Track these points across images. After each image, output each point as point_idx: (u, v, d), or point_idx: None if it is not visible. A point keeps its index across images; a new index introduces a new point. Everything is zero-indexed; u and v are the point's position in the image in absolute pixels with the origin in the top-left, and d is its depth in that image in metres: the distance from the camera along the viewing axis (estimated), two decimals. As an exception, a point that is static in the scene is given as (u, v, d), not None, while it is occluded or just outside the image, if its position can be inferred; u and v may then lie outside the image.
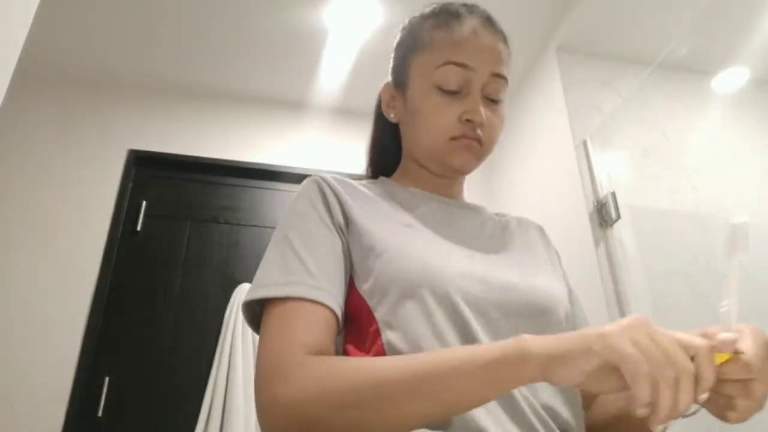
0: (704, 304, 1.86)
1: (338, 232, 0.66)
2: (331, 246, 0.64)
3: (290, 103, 2.81)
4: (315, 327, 0.56)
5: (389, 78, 0.82)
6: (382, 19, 2.30)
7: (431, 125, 0.72)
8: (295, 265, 0.60)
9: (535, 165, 2.49)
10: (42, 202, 2.35)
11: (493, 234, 0.77)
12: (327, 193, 0.68)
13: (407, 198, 0.76)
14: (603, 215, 1.97)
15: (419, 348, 0.56)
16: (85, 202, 2.39)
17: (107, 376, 2.11)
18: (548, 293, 0.68)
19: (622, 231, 1.90)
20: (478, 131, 0.71)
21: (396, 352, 0.57)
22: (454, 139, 0.71)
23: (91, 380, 2.09)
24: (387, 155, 0.86)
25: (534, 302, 0.65)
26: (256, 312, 0.61)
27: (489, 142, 0.74)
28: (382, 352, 0.58)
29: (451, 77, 0.71)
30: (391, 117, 0.81)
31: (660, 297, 1.82)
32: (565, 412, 0.61)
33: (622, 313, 1.81)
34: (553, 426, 0.58)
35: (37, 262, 2.23)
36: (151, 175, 2.55)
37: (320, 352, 0.54)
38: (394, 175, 0.84)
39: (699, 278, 1.90)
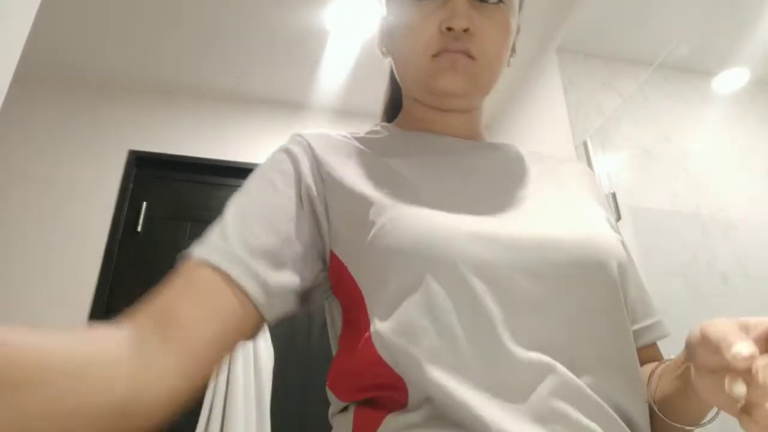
0: (704, 304, 1.86)
1: (305, 199, 0.53)
2: (273, 213, 0.51)
3: (290, 103, 2.81)
4: (197, 296, 0.44)
5: (384, 11, 0.69)
6: (383, 19, 2.30)
7: (410, 43, 0.59)
8: (216, 230, 0.50)
9: (536, 165, 2.49)
10: (42, 203, 2.35)
11: (523, 175, 0.61)
12: (304, 152, 0.57)
13: (408, 144, 0.62)
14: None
15: (417, 344, 0.44)
16: (86, 203, 2.39)
17: (108, 376, 2.11)
18: (596, 241, 0.51)
19: (622, 232, 1.89)
20: (464, 42, 0.57)
21: (385, 346, 0.45)
22: (436, 56, 0.57)
23: (91, 381, 2.09)
24: (398, 106, 0.74)
25: (577, 257, 0.48)
26: None
27: (482, 53, 0.57)
28: (369, 347, 0.46)
29: None
30: (383, 52, 0.68)
31: (660, 297, 1.81)
32: (633, 400, 0.47)
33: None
34: (608, 408, 0.45)
35: (37, 263, 2.23)
36: (151, 176, 2.55)
37: (167, 320, 0.42)
38: (396, 119, 0.70)
39: (699, 278, 1.90)
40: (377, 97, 0.84)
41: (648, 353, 0.60)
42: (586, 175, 0.68)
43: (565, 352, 0.45)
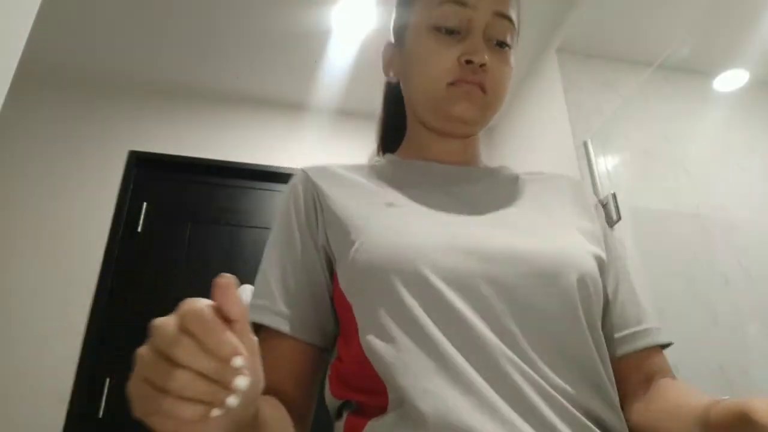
0: (704, 304, 1.86)
1: (313, 236, 0.62)
2: (303, 261, 0.61)
3: (290, 104, 2.81)
4: (272, 363, 0.52)
5: (391, 39, 0.75)
6: (382, 20, 2.30)
7: (428, 69, 0.65)
8: (263, 287, 0.60)
9: (536, 166, 2.49)
10: (43, 203, 2.35)
11: (509, 199, 0.66)
12: (306, 190, 0.66)
13: (403, 172, 0.69)
14: (604, 216, 1.97)
15: (398, 347, 0.50)
16: (86, 204, 2.39)
17: (108, 377, 2.11)
18: (557, 254, 0.56)
19: (622, 232, 1.90)
20: (480, 75, 0.63)
21: (374, 353, 0.51)
22: (452, 84, 0.63)
23: (91, 381, 2.09)
24: (397, 132, 0.79)
25: (536, 268, 0.54)
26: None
27: (494, 88, 0.64)
28: (360, 354, 0.53)
29: (450, 16, 0.64)
30: (391, 76, 0.74)
31: (660, 298, 1.82)
32: (591, 399, 0.51)
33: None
34: (574, 411, 0.49)
35: (38, 263, 2.23)
36: (151, 177, 2.55)
37: (272, 393, 0.52)
38: (399, 148, 0.76)
39: (699, 278, 1.90)
40: (377, 97, 0.85)
41: (644, 360, 0.61)
42: (573, 189, 0.73)
43: (527, 352, 0.50)
